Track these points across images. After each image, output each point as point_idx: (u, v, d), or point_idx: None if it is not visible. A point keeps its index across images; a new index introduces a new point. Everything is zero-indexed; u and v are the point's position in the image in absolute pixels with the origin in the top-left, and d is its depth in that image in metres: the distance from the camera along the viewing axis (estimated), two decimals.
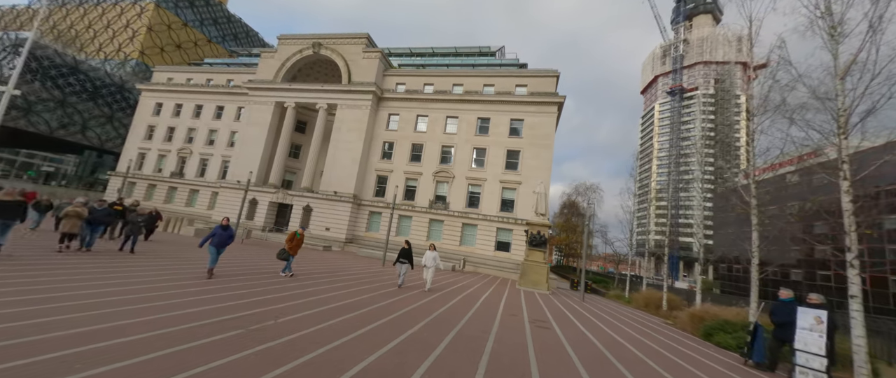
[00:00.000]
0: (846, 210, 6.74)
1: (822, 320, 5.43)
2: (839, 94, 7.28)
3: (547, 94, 28.90)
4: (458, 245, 27.78)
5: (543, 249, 17.94)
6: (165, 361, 3.63)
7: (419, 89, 32.46)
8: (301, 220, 30.04)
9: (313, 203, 30.15)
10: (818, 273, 36.07)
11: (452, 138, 30.45)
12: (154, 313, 5.21)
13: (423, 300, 9.48)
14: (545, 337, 7.31)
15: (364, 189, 31.25)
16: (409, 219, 29.74)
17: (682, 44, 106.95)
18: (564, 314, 10.93)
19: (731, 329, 8.98)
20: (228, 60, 49.26)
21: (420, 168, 30.40)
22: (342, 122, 31.63)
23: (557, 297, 16.50)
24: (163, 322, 4.85)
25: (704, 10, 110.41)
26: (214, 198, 34.33)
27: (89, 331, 4.20)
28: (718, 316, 10.18)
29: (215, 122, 37.67)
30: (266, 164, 33.37)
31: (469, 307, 9.61)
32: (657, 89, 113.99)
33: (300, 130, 37.09)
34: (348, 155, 30.60)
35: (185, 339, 4.29)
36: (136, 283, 6.93)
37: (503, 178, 28.31)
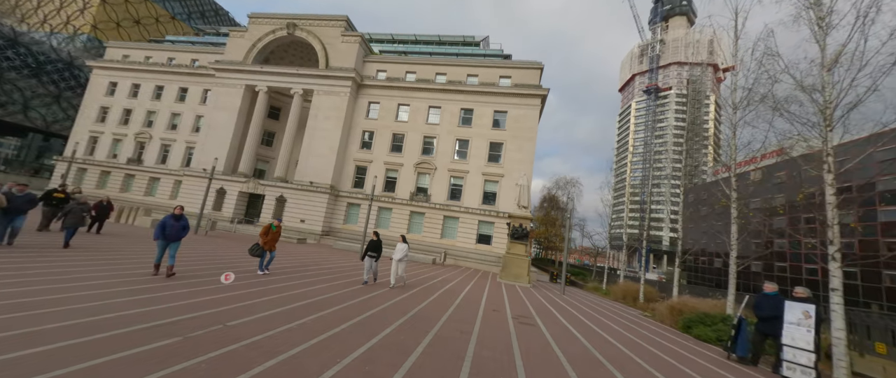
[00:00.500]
0: (830, 203, 6.68)
1: (811, 315, 5.33)
2: (826, 86, 7.20)
3: (531, 86, 28.62)
4: (439, 238, 27.29)
5: (525, 242, 17.74)
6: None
7: (401, 77, 31.33)
8: (274, 211, 28.49)
9: (287, 193, 28.64)
10: (775, 265, 38.52)
11: (435, 129, 29.68)
12: (74, 317, 4.30)
13: (399, 297, 8.88)
14: (530, 336, 6.92)
15: (342, 180, 30.02)
16: (389, 211, 28.88)
17: (659, 44, 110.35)
18: (547, 309, 10.66)
19: (710, 321, 8.99)
20: (193, 39, 45.71)
21: (401, 159, 29.50)
22: (319, 108, 30.07)
23: (538, 290, 16.37)
24: (82, 329, 3.97)
25: (680, 12, 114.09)
26: (177, 187, 31.94)
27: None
28: (696, 308, 10.23)
29: (178, 105, 34.90)
30: (235, 151, 31.31)
31: (449, 304, 9.11)
32: (634, 88, 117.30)
33: (274, 117, 35.05)
34: (325, 143, 29.18)
35: (106, 350, 3.47)
36: (62, 283, 5.88)
37: (486, 170, 27.93)
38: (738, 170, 10.14)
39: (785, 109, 7.72)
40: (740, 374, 6.14)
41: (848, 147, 7.40)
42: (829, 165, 6.82)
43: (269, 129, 34.72)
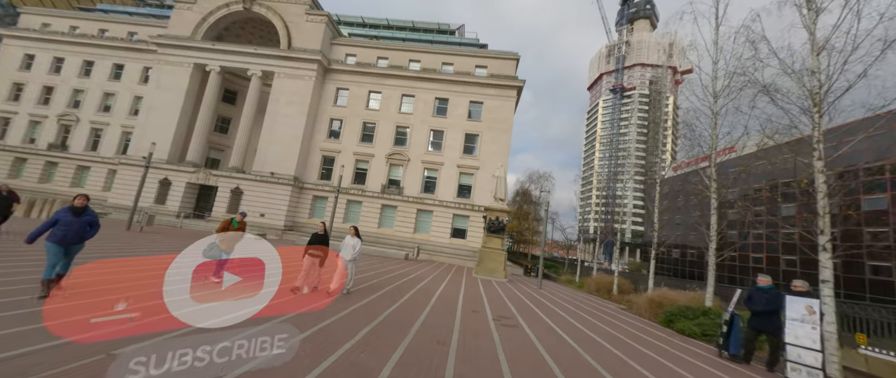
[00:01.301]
0: (820, 191, 6.44)
1: (815, 310, 4.97)
2: (816, 70, 6.95)
3: (507, 76, 28.05)
4: (412, 232, 26.16)
5: (502, 236, 17.13)
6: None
7: (372, 62, 29.51)
8: (228, 204, 25.84)
9: (244, 185, 26.06)
10: (751, 256, 41.54)
11: (408, 118, 28.31)
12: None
13: (364, 299, 7.74)
14: (516, 341, 6.11)
15: (307, 170, 27.86)
16: (358, 204, 27.26)
17: (625, 45, 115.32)
18: (528, 307, 10.01)
19: (691, 315, 8.76)
20: (131, 9, 40.44)
21: (372, 149, 27.88)
22: (280, 93, 27.55)
23: (515, 284, 15.86)
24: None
25: (643, 16, 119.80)
26: (112, 177, 28.06)
27: None
28: (675, 301, 10.06)
29: (112, 84, 30.63)
30: (182, 138, 28.00)
31: (423, 305, 8.12)
32: (602, 86, 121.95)
33: (229, 101, 31.83)
34: (288, 131, 26.83)
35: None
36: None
37: (461, 162, 27.10)
38: (718, 158, 10.00)
39: (776, 92, 7.43)
40: (735, 374, 5.75)
41: (836, 133, 7.23)
42: (820, 152, 6.58)
43: (224, 115, 31.50)
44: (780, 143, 7.65)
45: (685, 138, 12.19)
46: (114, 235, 14.10)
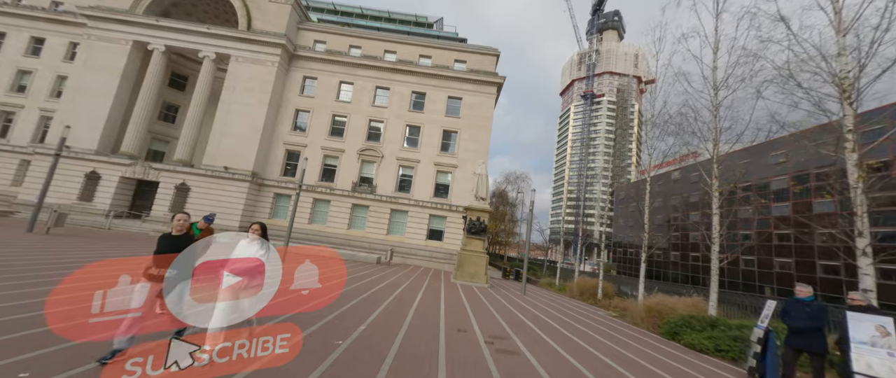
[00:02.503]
0: (855, 188, 5.68)
1: (889, 331, 4.07)
2: (842, 53, 6.25)
3: (487, 72, 27.04)
4: (385, 234, 24.31)
5: (483, 237, 15.91)
6: None
7: (344, 51, 27.35)
8: (172, 202, 22.58)
9: (192, 181, 22.92)
10: (690, 255, 43.49)
11: (382, 112, 26.44)
12: None
13: (328, 316, 6.05)
14: (520, 374, 4.75)
15: (268, 166, 25.15)
16: (326, 203, 24.97)
17: (595, 53, 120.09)
18: (519, 320, 8.74)
19: (698, 326, 7.90)
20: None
21: (342, 144, 25.71)
22: (238, 79, 24.65)
23: (497, 290, 14.66)
24: None
25: (612, 27, 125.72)
26: (25, 168, 23.67)
27: None
28: (674, 308, 9.23)
29: (29, 61, 26.06)
30: (116, 126, 24.24)
31: (398, 323, 6.57)
32: (573, 92, 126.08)
33: (178, 87, 28.22)
34: (246, 121, 24.02)
35: None
36: None
37: (438, 160, 25.66)
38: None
39: (792, 78, 6.68)
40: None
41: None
42: (852, 144, 5.83)
43: (172, 102, 27.86)
44: (797, 133, 6.94)
45: (674, 135, 11.61)
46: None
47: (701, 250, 42.35)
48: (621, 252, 62.11)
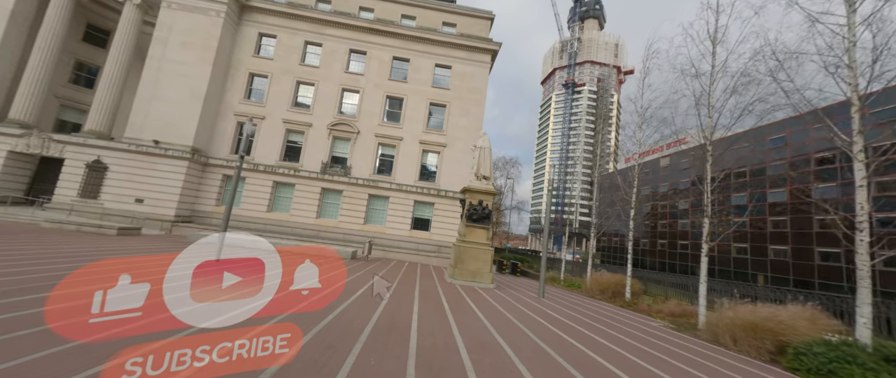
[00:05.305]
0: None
1: None
2: None
3: (480, 38, 23.50)
4: (362, 224, 20.63)
5: (487, 226, 12.73)
6: None
7: (310, 5, 22.77)
8: (83, 184, 17.60)
9: (110, 157, 17.99)
10: (679, 243, 43.05)
11: (358, 80, 22.35)
12: None
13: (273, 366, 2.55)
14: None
15: (214, 141, 20.54)
16: (290, 188, 20.82)
17: (577, 42, 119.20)
18: (570, 346, 5.62)
19: (855, 360, 5.10)
20: None
21: (309, 117, 21.47)
22: (171, 31, 19.60)
23: (506, 291, 11.62)
24: None
25: (592, 15, 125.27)
26: None
27: None
28: (779, 320, 6.49)
29: None
30: (6, 84, 18.61)
31: (398, 373, 3.18)
32: (554, 81, 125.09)
33: (97, 43, 22.55)
34: (183, 84, 19.18)
35: None
36: None
37: (424, 137, 22.08)
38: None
39: None
40: None
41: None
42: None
43: (90, 62, 22.22)
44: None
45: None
46: None
47: (689, 238, 41.98)
48: (606, 241, 61.69)
